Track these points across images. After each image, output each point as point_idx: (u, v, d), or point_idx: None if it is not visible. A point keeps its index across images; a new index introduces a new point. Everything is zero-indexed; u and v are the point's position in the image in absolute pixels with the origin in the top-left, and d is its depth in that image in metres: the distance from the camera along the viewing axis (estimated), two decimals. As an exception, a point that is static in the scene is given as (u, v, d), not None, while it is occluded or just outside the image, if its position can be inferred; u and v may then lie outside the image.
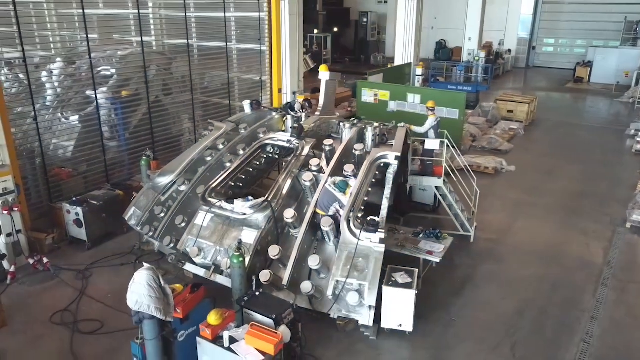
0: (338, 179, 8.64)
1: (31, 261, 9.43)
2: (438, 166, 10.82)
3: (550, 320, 8.34)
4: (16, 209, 9.30)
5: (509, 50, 35.80)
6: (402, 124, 10.51)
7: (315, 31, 36.31)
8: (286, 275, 7.97)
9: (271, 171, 11.16)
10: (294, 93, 15.99)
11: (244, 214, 8.52)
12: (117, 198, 10.84)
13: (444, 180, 10.70)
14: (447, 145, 11.88)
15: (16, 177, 9.78)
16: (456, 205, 10.71)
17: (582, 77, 30.54)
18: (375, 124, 10.37)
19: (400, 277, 7.91)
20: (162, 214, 9.52)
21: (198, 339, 6.48)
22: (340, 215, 8.27)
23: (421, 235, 9.58)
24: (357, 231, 7.87)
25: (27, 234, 9.75)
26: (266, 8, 15.53)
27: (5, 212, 9.16)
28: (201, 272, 8.61)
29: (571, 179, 14.58)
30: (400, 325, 7.82)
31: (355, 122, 10.39)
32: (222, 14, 15.06)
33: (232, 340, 6.34)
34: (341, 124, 10.41)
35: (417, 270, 8.15)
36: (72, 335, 7.80)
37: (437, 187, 10.71)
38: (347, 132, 10.04)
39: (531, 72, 35.03)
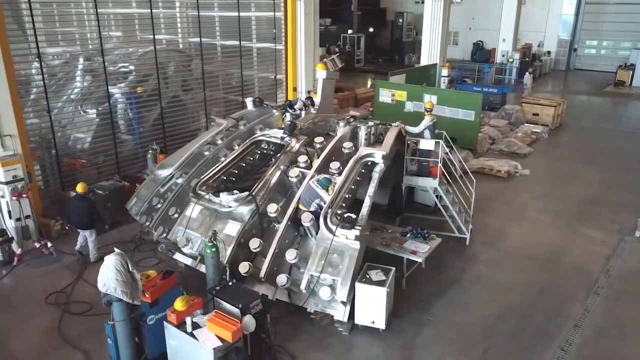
0: (321, 176, 8.76)
1: (37, 245, 10.03)
2: (435, 167, 10.74)
3: (530, 326, 8.19)
4: (25, 195, 9.93)
5: (548, 52, 34.73)
6: (396, 123, 10.49)
7: (350, 31, 36.37)
8: (264, 267, 8.18)
9: (266, 167, 11.41)
10: (308, 92, 16.20)
11: (229, 207, 8.78)
12: (123, 189, 11.35)
13: (442, 182, 10.60)
14: (452, 146, 11.86)
15: (28, 166, 10.43)
16: (452, 207, 10.61)
17: (624, 81, 29.29)
18: (370, 123, 10.44)
19: (375, 275, 7.97)
20: (159, 205, 9.95)
21: (165, 323, 6.78)
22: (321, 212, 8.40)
23: (408, 235, 9.59)
24: (333, 227, 7.97)
25: (36, 219, 10.35)
26: (282, 8, 15.79)
27: (15, 198, 9.79)
28: (188, 261, 8.95)
29: (588, 186, 14.10)
30: (373, 322, 7.88)
31: (351, 120, 10.47)
32: (237, 14, 15.50)
33: (196, 326, 6.60)
34: (338, 122, 10.50)
35: (393, 269, 8.18)
36: (62, 315, 8.27)
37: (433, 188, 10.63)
38: (341, 131, 10.14)
39: (571, 74, 33.85)
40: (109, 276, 6.43)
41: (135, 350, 6.93)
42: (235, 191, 9.03)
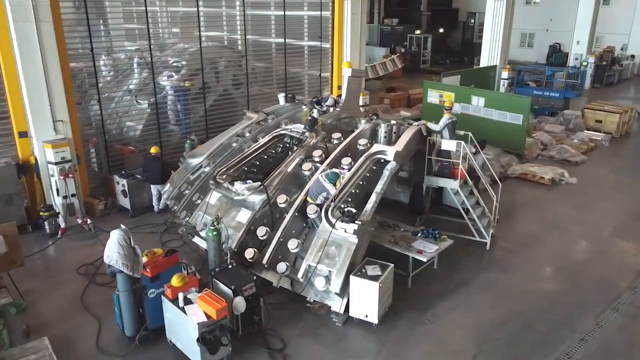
0: (330, 170, 8.99)
1: (79, 221, 11.06)
2: (457, 168, 10.58)
3: (532, 335, 7.93)
4: (71, 175, 10.98)
5: (632, 56, 32.37)
6: (416, 123, 10.47)
7: (417, 32, 35.95)
8: (267, 255, 8.54)
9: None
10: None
11: (242, 195, 9.23)
12: (165, 174, 12.15)
13: (464, 184, 10.45)
14: (477, 149, 11.59)
15: (77, 149, 11.51)
16: (473, 210, 10.41)
17: None
18: (393, 122, 10.50)
19: (372, 270, 8.07)
20: (187, 191, 10.64)
21: (162, 297, 7.34)
22: (326, 205, 8.63)
23: (419, 235, 9.57)
24: (333, 220, 8.18)
25: (81, 198, 11.39)
26: (330, 7, 16.10)
27: (62, 178, 10.86)
28: (204, 244, 9.50)
29: (637, 199, 13.19)
30: (367, 316, 8.00)
31: (373, 118, 10.58)
32: (289, 13, 16.02)
33: (188, 301, 7.09)
34: (360, 119, 10.65)
35: (391, 265, 8.23)
36: (87, 285, 9.12)
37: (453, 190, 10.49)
38: (361, 128, 10.29)
39: (656, 81, 31.38)
40: (112, 249, 7.09)
41: (138, 319, 7.55)
42: (249, 181, 9.48)
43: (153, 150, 11.96)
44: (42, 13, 10.29)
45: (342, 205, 8.49)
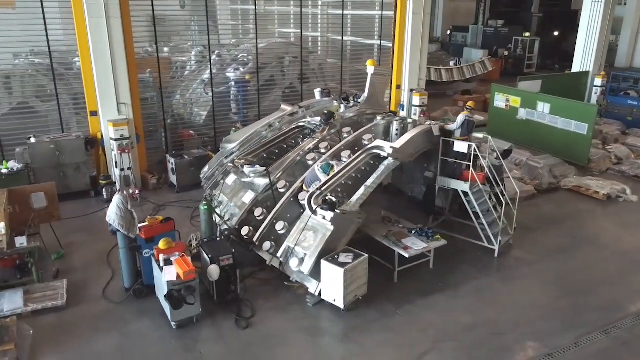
0: (325, 162, 9.47)
1: (131, 191, 12.72)
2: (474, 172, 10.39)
3: (494, 343, 7.76)
4: (127, 151, 12.68)
5: None
6: (428, 122, 10.49)
7: (526, 34, 34.03)
8: (257, 234, 9.30)
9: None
10: (411, 90, 16.54)
11: (249, 178, 10.08)
12: (207, 157, 13.47)
13: (476, 186, 10.26)
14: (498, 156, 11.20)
15: (137, 129, 13.22)
16: (484, 216, 10.18)
17: None
18: (409, 120, 10.65)
19: (344, 257, 8.45)
20: (217, 172, 11.77)
21: (152, 257, 8.44)
22: (318, 193, 9.15)
23: (414, 232, 9.67)
24: (315, 207, 8.69)
25: (133, 172, 13.01)
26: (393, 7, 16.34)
27: (119, 152, 12.60)
28: (218, 220, 10.52)
29: None
30: (335, 300, 8.40)
31: (390, 115, 10.81)
32: (361, 12, 16.57)
33: (168, 262, 8.10)
34: (378, 116, 10.93)
35: (365, 255, 8.50)
36: (116, 244, 10.55)
37: (463, 193, 10.34)
38: (373, 124, 10.59)
39: None
40: (112, 211, 8.35)
41: (135, 274, 8.75)
42: (257, 165, 10.27)
43: None
44: (112, 10, 12.03)
45: (327, 194, 8.95)
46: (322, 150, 10.13)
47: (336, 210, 8.54)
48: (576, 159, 14.76)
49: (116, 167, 12.76)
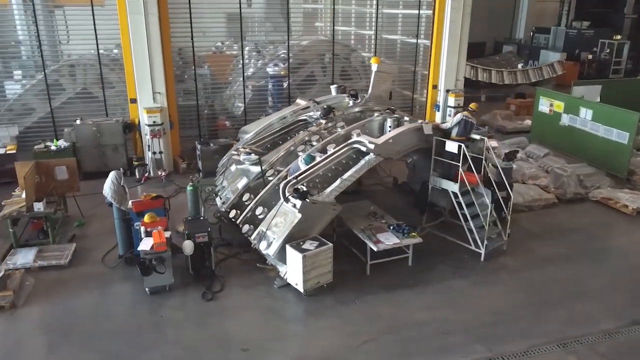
0: (307, 153, 9.88)
1: (160, 173, 13.94)
2: (468, 174, 10.23)
3: (439, 341, 7.75)
4: (158, 136, 13.91)
5: None
6: (420, 121, 10.48)
7: (617, 37, 31.47)
8: (241, 217, 9.93)
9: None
10: (447, 91, 16.36)
11: (244, 165, 10.75)
12: (230, 146, 14.34)
13: (465, 187, 10.13)
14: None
15: (172, 117, 14.44)
16: (470, 218, 10.02)
17: None
18: (406, 118, 10.76)
19: (308, 244, 8.82)
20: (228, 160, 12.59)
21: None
22: (297, 182, 9.60)
23: (391, 228, 9.79)
24: (287, 195, 9.15)
25: (170, 156, 14.24)
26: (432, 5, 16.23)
27: (151, 137, 13.86)
28: (219, 203, 11.32)
29: None
30: (297, 284, 8.82)
31: (387, 112, 10.94)
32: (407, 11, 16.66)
33: (148, 234, 8.98)
34: (375, 113, 11.11)
35: (330, 244, 8.81)
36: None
37: (454, 194, 10.23)
38: (366, 120, 10.80)
39: None
40: (107, 185, 9.42)
41: (129, 243, 9.75)
42: (252, 154, 10.89)
43: None
44: (150, 7, 13.28)
45: (303, 184, 9.36)
46: (314, 143, 10.54)
47: (306, 200, 8.94)
48: (615, 169, 13.78)
49: (148, 150, 14.05)
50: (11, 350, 7.49)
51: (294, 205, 8.97)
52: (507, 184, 10.31)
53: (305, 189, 9.09)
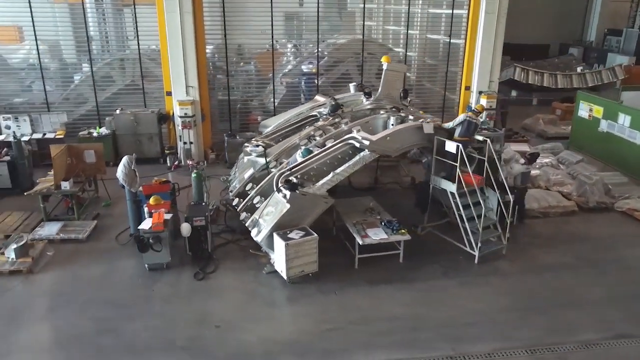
0: (305, 147, 10.23)
1: (189, 162, 14.80)
2: (468, 175, 10.16)
3: (402, 335, 7.86)
4: (189, 127, 14.79)
5: None
6: (421, 120, 10.49)
7: (698, 39, 29.03)
8: (241, 205, 10.47)
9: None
10: (479, 92, 16.11)
11: (251, 156, 11.28)
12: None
13: (462, 188, 10.07)
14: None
15: (204, 110, 15.30)
16: (467, 220, 9.93)
17: None
18: (411, 117, 10.83)
19: (294, 234, 9.19)
20: (245, 152, 13.20)
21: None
22: (294, 174, 9.99)
23: (383, 224, 9.92)
24: (280, 186, 9.55)
25: (201, 146, 15.10)
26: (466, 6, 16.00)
27: (182, 128, 14.77)
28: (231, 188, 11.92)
29: None
30: (282, 271, 9.21)
31: (393, 110, 11.05)
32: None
33: (150, 215, 9.73)
34: (380, 111, 11.26)
35: (315, 235, 9.12)
36: (153, 201, 12.65)
37: (452, 194, 10.19)
38: (369, 118, 10.97)
39: None
40: (119, 169, 10.28)
41: (138, 222, 10.49)
42: (259, 146, 11.39)
43: None
44: (185, 6, 14.15)
45: (297, 176, 9.73)
46: (317, 138, 10.86)
47: (296, 191, 9.30)
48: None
49: (179, 140, 14.98)
50: (18, 308, 8.47)
51: (284, 196, 9.37)
52: (507, 187, 10.11)
53: (296, 181, 9.45)
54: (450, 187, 10.16)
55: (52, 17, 16.32)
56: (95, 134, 14.71)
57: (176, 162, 14.90)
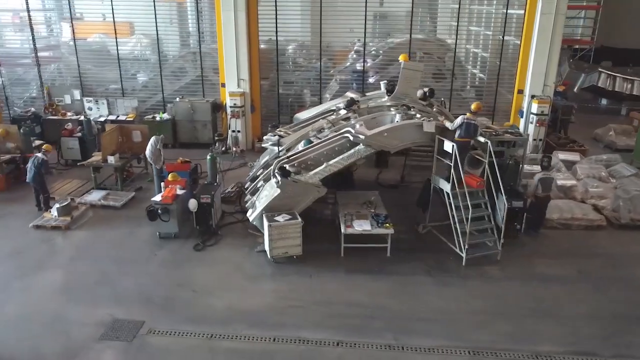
0: (307, 139, 10.80)
1: (234, 149, 16.04)
2: (468, 176, 10.06)
3: (355, 322, 8.14)
4: (237, 117, 15.99)
5: None
6: (423, 118, 10.50)
7: None
8: (249, 188, 11.34)
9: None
10: (532, 97, 15.53)
11: (267, 144, 12.09)
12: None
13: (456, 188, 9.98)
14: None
15: (254, 101, 16.43)
16: (458, 221, 9.85)
17: None
18: (418, 115, 10.93)
19: (281, 217, 9.83)
20: (279, 141, 14.06)
21: (165, 184, 11.44)
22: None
23: (371, 217, 10.19)
24: (275, 172, 10.24)
25: (248, 135, 16.26)
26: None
27: (231, 117, 16.01)
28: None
29: None
30: (268, 250, 9.90)
31: (404, 108, 11.22)
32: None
33: (164, 189, 10.96)
34: (391, 108, 11.45)
35: (299, 221, 9.68)
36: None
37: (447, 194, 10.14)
38: (378, 114, 11.22)
39: None
40: (148, 147, 11.66)
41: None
42: (276, 135, 12.13)
43: None
44: (239, 4, 15.33)
45: (294, 164, 10.34)
46: (326, 130, 11.37)
47: (287, 178, 9.93)
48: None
49: (229, 128, 16.26)
50: (44, 255, 10.12)
51: (277, 182, 10.04)
52: (519, 193, 9.85)
53: (289, 168, 10.07)
54: (446, 186, 10.12)
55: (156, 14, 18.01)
56: (158, 119, 16.47)
57: (223, 148, 16.19)
